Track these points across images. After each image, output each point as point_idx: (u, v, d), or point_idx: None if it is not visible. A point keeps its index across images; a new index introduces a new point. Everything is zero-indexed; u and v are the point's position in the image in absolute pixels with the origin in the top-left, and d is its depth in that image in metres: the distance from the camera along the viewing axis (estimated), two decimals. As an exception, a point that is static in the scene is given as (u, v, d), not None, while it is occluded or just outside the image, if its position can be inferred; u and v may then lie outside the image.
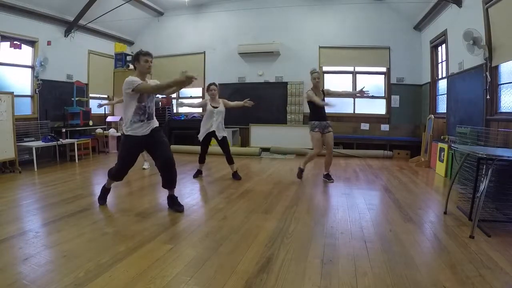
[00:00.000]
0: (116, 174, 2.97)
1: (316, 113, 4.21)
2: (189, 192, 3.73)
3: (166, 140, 2.96)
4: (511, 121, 3.68)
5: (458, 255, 2.01)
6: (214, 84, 4.39)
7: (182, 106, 8.32)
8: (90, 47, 7.38)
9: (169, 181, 2.93)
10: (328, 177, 4.30)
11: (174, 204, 2.96)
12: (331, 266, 1.87)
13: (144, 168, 5.07)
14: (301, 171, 4.38)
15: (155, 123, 2.95)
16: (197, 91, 8.27)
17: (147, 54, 2.81)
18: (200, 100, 4.28)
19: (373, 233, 2.41)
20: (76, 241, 2.20)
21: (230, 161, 4.37)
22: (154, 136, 2.89)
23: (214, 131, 4.29)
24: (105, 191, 3.16)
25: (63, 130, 6.09)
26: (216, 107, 4.31)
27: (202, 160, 4.44)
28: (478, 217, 2.31)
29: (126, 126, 2.82)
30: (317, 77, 4.18)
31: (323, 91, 4.32)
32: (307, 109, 4.40)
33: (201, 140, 4.36)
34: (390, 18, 7.07)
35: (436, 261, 1.95)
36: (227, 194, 3.58)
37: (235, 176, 4.39)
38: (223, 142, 4.34)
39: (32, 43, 5.94)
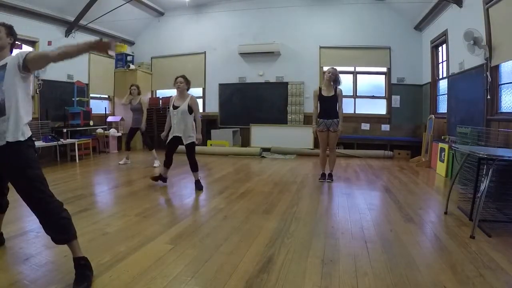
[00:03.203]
0: None
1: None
2: (189, 192, 3.73)
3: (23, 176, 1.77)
4: (511, 121, 3.68)
5: (458, 255, 2.01)
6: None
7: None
8: (91, 47, 7.38)
9: None
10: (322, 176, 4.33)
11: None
12: (332, 266, 1.86)
13: (154, 166, 5.30)
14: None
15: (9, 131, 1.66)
16: (197, 91, 8.25)
17: None
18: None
19: (374, 233, 2.41)
20: (77, 241, 2.20)
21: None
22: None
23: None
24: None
25: (64, 130, 6.09)
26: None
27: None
28: (478, 217, 2.31)
29: None
30: (329, 71, 4.12)
31: (335, 89, 4.09)
32: (307, 109, 4.39)
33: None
34: (390, 18, 7.07)
35: (436, 261, 1.94)
36: (228, 194, 3.58)
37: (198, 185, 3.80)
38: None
39: (32, 43, 5.94)
